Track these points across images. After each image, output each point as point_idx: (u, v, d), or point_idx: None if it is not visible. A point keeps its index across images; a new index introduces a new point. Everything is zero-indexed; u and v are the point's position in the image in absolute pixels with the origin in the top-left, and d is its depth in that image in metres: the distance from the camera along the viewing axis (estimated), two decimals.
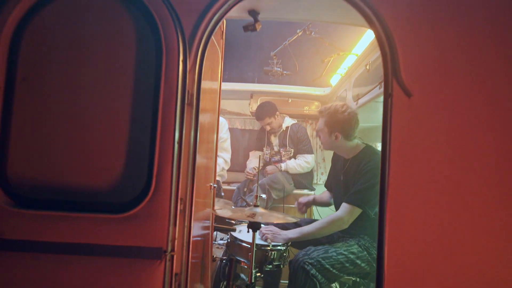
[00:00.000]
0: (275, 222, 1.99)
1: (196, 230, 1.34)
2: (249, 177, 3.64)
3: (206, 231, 1.86)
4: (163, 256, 1.15)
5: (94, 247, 1.14)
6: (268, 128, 3.66)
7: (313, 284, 1.88)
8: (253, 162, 3.82)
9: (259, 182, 3.31)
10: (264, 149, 3.83)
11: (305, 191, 3.58)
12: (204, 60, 1.29)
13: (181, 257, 1.23)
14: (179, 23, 1.21)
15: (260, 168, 3.64)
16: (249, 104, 4.10)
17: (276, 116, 3.61)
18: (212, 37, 1.31)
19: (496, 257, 1.20)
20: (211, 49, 1.32)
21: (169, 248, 1.16)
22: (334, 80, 3.65)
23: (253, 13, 1.73)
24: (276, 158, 3.74)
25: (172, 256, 1.17)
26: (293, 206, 2.87)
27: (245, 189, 3.58)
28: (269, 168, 3.63)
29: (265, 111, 3.57)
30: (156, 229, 1.15)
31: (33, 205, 1.18)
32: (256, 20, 1.75)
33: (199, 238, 1.54)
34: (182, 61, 1.19)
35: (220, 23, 1.31)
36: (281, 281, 2.39)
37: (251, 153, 3.96)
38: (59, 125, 1.24)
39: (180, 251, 1.22)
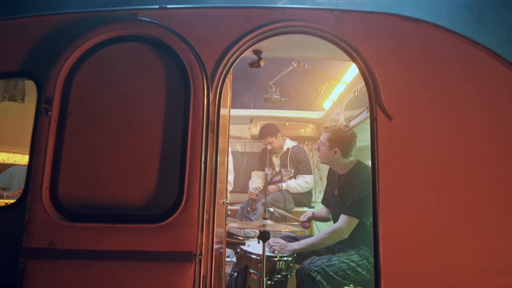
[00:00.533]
0: (283, 231, 2.18)
1: (215, 243, 1.53)
2: (252, 196, 3.83)
3: (221, 245, 2.05)
4: (193, 259, 1.35)
5: (135, 253, 1.34)
6: (269, 147, 3.92)
7: None
8: (255, 182, 4.03)
9: (262, 201, 3.50)
10: (266, 169, 4.06)
11: (305, 209, 3.78)
12: (222, 94, 1.57)
13: (207, 261, 1.43)
14: (203, 66, 1.50)
15: (263, 188, 3.85)
16: (249, 128, 4.39)
17: (277, 136, 3.89)
18: None
19: (482, 254, 1.43)
20: None
21: (198, 252, 1.36)
22: (327, 104, 3.99)
23: (257, 52, 2.06)
24: (277, 178, 3.97)
25: (200, 260, 1.37)
26: (294, 223, 3.05)
27: (249, 208, 3.76)
28: (271, 187, 3.84)
29: (267, 130, 3.87)
30: (187, 236, 1.36)
31: (81, 219, 1.39)
32: (260, 58, 2.07)
33: (215, 253, 1.73)
34: (206, 95, 1.47)
35: (235, 64, 1.61)
36: None
37: (253, 173, 4.18)
38: (101, 151, 1.48)
39: (206, 256, 1.42)
